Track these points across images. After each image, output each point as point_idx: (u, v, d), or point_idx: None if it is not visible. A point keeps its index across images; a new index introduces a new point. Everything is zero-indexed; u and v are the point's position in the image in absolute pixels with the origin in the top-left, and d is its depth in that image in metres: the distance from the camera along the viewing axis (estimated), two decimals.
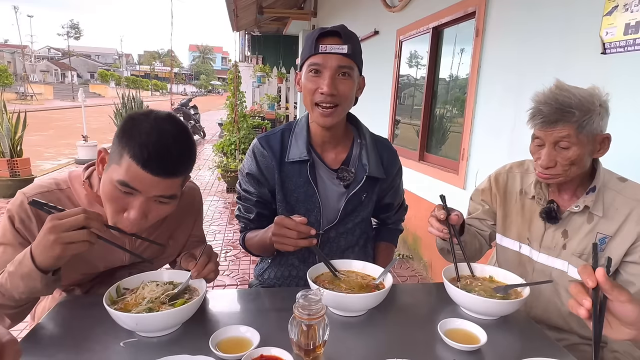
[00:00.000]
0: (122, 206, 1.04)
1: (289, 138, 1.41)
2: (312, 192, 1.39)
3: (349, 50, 1.24)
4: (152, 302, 1.03)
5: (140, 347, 0.97)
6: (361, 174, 1.40)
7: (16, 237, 1.09)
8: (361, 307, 1.13)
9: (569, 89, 1.19)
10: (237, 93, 7.30)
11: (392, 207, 1.62)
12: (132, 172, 0.99)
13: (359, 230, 1.50)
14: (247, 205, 1.46)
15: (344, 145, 1.45)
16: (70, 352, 0.94)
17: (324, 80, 1.24)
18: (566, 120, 1.16)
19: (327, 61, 1.24)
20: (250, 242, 1.46)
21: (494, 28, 2.83)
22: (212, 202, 6.04)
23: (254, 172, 1.42)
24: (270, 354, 0.91)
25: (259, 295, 1.30)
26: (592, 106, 1.16)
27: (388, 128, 4.75)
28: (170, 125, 1.03)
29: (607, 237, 1.25)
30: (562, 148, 1.20)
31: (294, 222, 1.15)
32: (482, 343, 0.99)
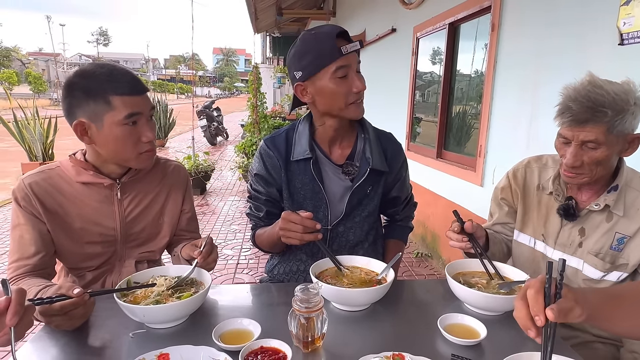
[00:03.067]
0: (136, 138, 1.24)
1: (293, 138, 1.45)
2: (318, 189, 1.42)
3: (360, 44, 1.30)
4: (160, 295, 1.08)
5: (148, 337, 1.01)
6: (365, 167, 1.41)
7: (25, 216, 1.23)
8: (362, 301, 1.14)
9: (602, 85, 1.11)
10: (258, 94, 7.39)
11: (400, 201, 1.61)
12: (128, 102, 1.20)
13: (367, 225, 1.51)
14: (257, 204, 1.51)
15: (349, 141, 1.48)
16: (82, 342, 1.00)
17: (353, 79, 1.29)
18: (597, 121, 1.10)
19: (350, 60, 1.28)
20: (259, 239, 1.51)
21: (509, 22, 2.78)
22: (232, 202, 6.14)
23: (262, 172, 1.47)
24: (270, 345, 0.94)
25: (262, 290, 1.34)
26: (626, 105, 1.09)
27: (406, 126, 4.72)
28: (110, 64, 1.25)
29: (626, 237, 1.22)
30: (590, 148, 1.14)
31: (300, 217, 1.19)
32: (482, 338, 0.99)
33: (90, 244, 1.33)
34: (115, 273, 1.38)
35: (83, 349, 0.98)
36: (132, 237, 1.39)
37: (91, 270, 1.36)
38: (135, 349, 0.96)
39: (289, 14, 9.80)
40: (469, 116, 3.64)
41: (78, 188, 1.29)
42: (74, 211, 1.28)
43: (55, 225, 1.26)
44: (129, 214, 1.36)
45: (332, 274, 1.24)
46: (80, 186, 1.29)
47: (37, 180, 1.25)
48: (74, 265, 1.35)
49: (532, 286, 0.77)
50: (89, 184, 1.30)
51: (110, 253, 1.37)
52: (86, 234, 1.31)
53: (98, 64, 1.24)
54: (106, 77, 1.18)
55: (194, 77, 12.47)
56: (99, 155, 1.29)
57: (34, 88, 31.41)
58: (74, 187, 1.29)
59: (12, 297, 0.78)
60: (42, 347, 0.97)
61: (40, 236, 1.23)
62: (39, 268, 1.22)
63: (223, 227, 4.97)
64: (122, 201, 1.35)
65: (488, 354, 0.97)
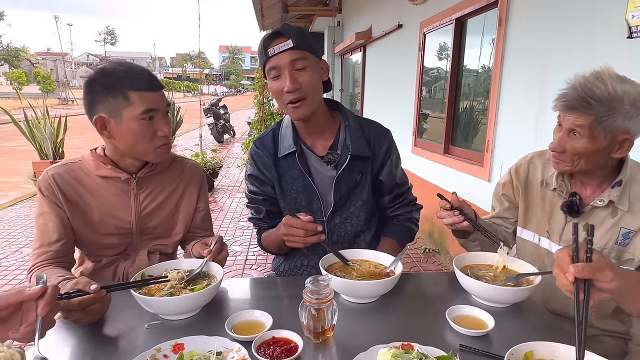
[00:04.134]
0: (152, 132, 1.29)
1: (279, 135, 1.50)
2: (308, 182, 1.46)
3: (294, 42, 1.30)
4: (174, 287, 1.11)
5: (162, 328, 1.04)
6: (345, 154, 1.44)
7: (49, 205, 1.31)
8: (371, 293, 1.16)
9: (606, 80, 1.11)
10: (264, 91, 7.41)
11: (387, 189, 1.55)
12: (145, 98, 1.25)
13: (364, 214, 1.52)
14: (256, 205, 1.55)
15: (331, 132, 1.50)
16: (99, 333, 1.03)
17: (285, 79, 1.31)
18: (584, 111, 1.11)
19: (280, 61, 1.31)
20: (266, 242, 1.54)
21: (516, 16, 2.77)
22: (240, 199, 6.18)
23: (255, 172, 1.52)
24: (281, 336, 0.96)
25: (272, 283, 1.37)
26: (619, 104, 1.08)
27: (413, 122, 4.72)
28: (128, 63, 1.31)
29: (632, 232, 1.22)
30: (574, 138, 1.17)
31: (300, 221, 1.22)
32: (490, 329, 1.00)
33: (107, 235, 1.38)
34: (129, 261, 1.44)
35: (100, 339, 1.01)
36: (147, 231, 1.44)
37: (107, 256, 1.42)
38: (150, 340, 0.99)
39: (294, 11, 9.80)
40: (476, 111, 3.64)
41: (97, 181, 1.35)
42: (93, 203, 1.35)
43: (75, 215, 1.33)
44: (145, 208, 1.41)
45: (340, 267, 1.26)
46: (99, 179, 1.35)
47: (60, 172, 1.32)
48: (92, 252, 1.41)
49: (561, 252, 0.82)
50: (107, 178, 1.36)
51: (126, 244, 1.42)
52: (104, 225, 1.37)
53: (117, 62, 1.29)
54: (125, 74, 1.24)
55: (200, 75, 12.49)
56: (117, 150, 1.34)
57: (43, 88, 31.73)
58: (93, 180, 1.35)
59: (48, 291, 0.81)
60: (61, 338, 1.01)
61: (62, 224, 1.30)
62: (61, 255, 1.29)
63: (231, 223, 5.01)
64: (138, 196, 1.40)
65: (496, 344, 0.98)
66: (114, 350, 0.96)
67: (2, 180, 7.44)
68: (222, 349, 0.91)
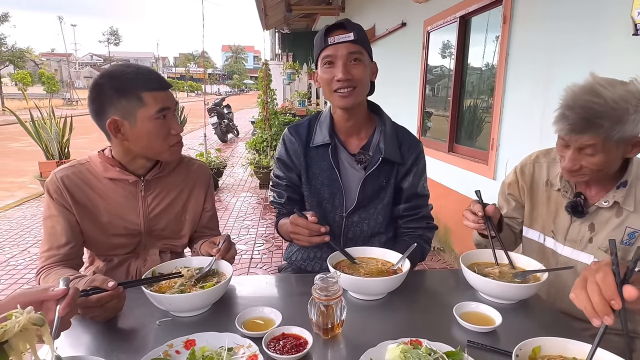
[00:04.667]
0: (166, 131, 1.31)
1: (315, 126, 1.52)
2: (335, 176, 1.47)
3: (355, 36, 1.34)
4: (184, 285, 1.13)
5: (173, 325, 1.06)
6: (377, 156, 1.45)
7: (57, 207, 1.31)
8: (379, 290, 1.17)
9: (601, 93, 1.07)
10: (268, 91, 7.43)
11: (403, 197, 1.53)
12: (158, 97, 1.27)
13: (382, 217, 1.53)
14: (279, 190, 1.58)
15: (366, 132, 1.52)
16: (112, 329, 1.05)
17: (338, 69, 1.34)
18: (593, 131, 1.08)
19: (338, 51, 1.35)
20: (281, 230, 1.55)
21: (521, 14, 2.77)
22: (245, 198, 6.20)
23: (283, 156, 1.55)
24: (291, 332, 0.98)
25: (281, 281, 1.38)
26: (625, 114, 1.05)
27: (417, 120, 4.72)
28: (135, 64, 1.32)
29: (637, 232, 1.21)
30: (588, 154, 1.14)
31: (305, 222, 1.24)
32: (497, 325, 1.01)
33: (116, 236, 1.39)
34: (140, 259, 1.44)
35: (114, 335, 1.02)
36: (155, 232, 1.44)
37: (118, 256, 1.43)
38: (162, 336, 1.00)
39: (298, 10, 9.81)
40: (480, 109, 3.63)
41: (106, 183, 1.35)
42: (101, 205, 1.35)
43: (84, 217, 1.33)
44: (152, 210, 1.41)
45: (348, 264, 1.27)
46: (107, 181, 1.35)
47: (68, 174, 1.32)
48: (102, 252, 1.42)
49: (600, 270, 0.74)
50: (115, 180, 1.36)
51: (135, 244, 1.43)
52: (112, 227, 1.37)
53: (124, 64, 1.30)
54: (134, 75, 1.25)
55: (204, 75, 12.52)
56: (127, 152, 1.34)
57: (48, 88, 31.88)
58: (101, 182, 1.35)
59: (70, 292, 0.83)
60: (75, 335, 1.02)
61: (70, 227, 1.30)
62: (69, 258, 1.29)
63: (236, 222, 5.03)
64: (146, 198, 1.40)
65: (503, 340, 0.99)
66: (127, 346, 0.98)
67: (8, 180, 7.50)
68: (233, 345, 0.93)
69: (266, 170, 6.54)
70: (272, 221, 5.07)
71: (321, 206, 1.52)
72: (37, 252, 4.05)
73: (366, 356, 0.87)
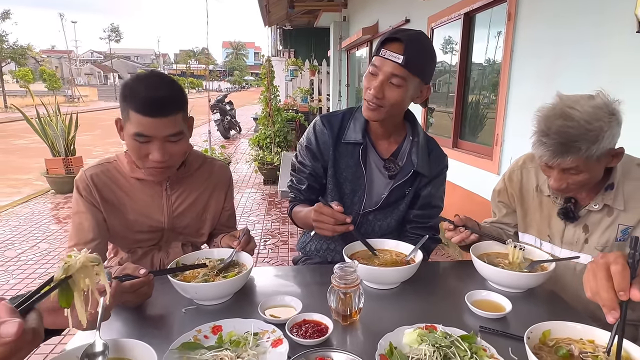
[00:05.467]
0: (145, 153, 1.26)
1: (349, 121, 1.52)
2: (361, 174, 1.50)
3: (404, 61, 1.27)
4: (207, 275, 1.18)
5: (198, 313, 1.11)
6: (408, 168, 1.47)
7: (86, 205, 1.35)
8: (393, 279, 1.23)
9: (572, 115, 1.09)
10: (271, 87, 7.46)
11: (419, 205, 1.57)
12: (138, 122, 1.20)
13: (395, 222, 1.57)
14: (300, 177, 1.58)
15: (396, 138, 1.53)
16: (141, 316, 1.10)
17: (375, 83, 1.32)
18: (573, 154, 1.11)
19: (383, 66, 1.31)
20: (296, 216, 1.59)
21: (526, 11, 2.80)
22: (249, 194, 6.26)
23: (312, 146, 1.54)
24: (312, 318, 1.03)
25: (298, 272, 1.43)
26: (600, 131, 1.08)
27: (421, 116, 4.76)
28: (155, 77, 1.25)
29: (630, 228, 1.25)
30: (572, 174, 1.17)
31: (331, 210, 1.27)
32: (507, 311, 1.06)
33: (140, 232, 1.44)
34: (163, 251, 1.50)
35: (143, 322, 1.08)
36: (177, 230, 1.49)
37: (141, 248, 1.49)
38: (188, 323, 1.05)
39: (300, 6, 9.83)
40: (484, 105, 3.67)
41: (132, 182, 1.40)
42: (128, 203, 1.40)
43: (111, 214, 1.38)
44: (176, 209, 1.46)
45: (363, 255, 1.32)
46: (134, 181, 1.40)
47: (97, 172, 1.37)
48: (126, 246, 1.48)
49: (616, 262, 0.77)
50: (142, 180, 1.40)
51: (158, 238, 1.49)
52: (138, 224, 1.42)
53: (144, 75, 1.26)
54: (130, 91, 1.20)
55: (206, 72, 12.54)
56: None
57: (49, 85, 31.89)
58: (129, 181, 1.40)
59: (113, 284, 0.90)
60: (106, 323, 1.07)
61: (97, 224, 1.35)
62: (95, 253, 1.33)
63: (242, 218, 5.09)
64: (171, 197, 1.45)
65: (513, 325, 1.04)
66: (157, 332, 1.03)
67: (14, 177, 7.56)
68: (258, 330, 0.98)
69: (270, 166, 6.59)
70: (277, 217, 5.12)
71: (341, 200, 1.52)
72: (46, 248, 4.12)
73: (385, 340, 0.92)
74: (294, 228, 4.54)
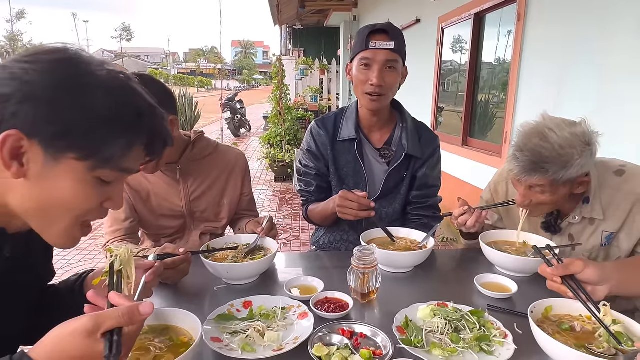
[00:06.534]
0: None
1: (341, 120, 1.65)
2: (359, 167, 1.61)
3: (396, 46, 1.44)
4: (236, 257, 1.29)
5: (229, 291, 1.22)
6: (400, 152, 1.59)
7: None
8: (407, 263, 1.32)
9: (549, 137, 1.14)
10: (282, 86, 7.56)
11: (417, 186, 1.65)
12: None
13: (399, 206, 1.67)
14: (307, 179, 1.70)
15: (388, 128, 1.65)
16: (177, 294, 1.21)
17: (374, 73, 1.45)
18: (541, 174, 1.16)
19: (376, 56, 1.45)
20: (312, 214, 1.69)
21: (535, 11, 2.87)
22: (261, 190, 6.37)
23: (312, 148, 1.67)
24: (334, 296, 1.13)
25: (319, 257, 1.54)
26: (571, 158, 1.13)
27: (430, 115, 4.83)
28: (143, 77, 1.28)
29: (613, 234, 1.29)
30: (537, 192, 1.23)
31: (356, 196, 1.38)
32: (514, 292, 1.15)
33: (163, 217, 1.57)
34: (184, 240, 1.62)
35: (179, 298, 1.19)
36: (196, 215, 1.61)
37: (165, 237, 1.61)
38: (220, 299, 1.16)
39: (311, 5, 9.92)
40: (493, 104, 3.74)
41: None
42: (150, 189, 1.54)
43: (136, 199, 1.53)
44: (192, 193, 1.59)
45: (378, 242, 1.42)
46: None
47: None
48: (152, 232, 1.61)
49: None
50: None
51: (179, 225, 1.61)
52: (160, 208, 1.56)
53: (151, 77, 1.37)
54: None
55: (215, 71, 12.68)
56: None
57: None
58: None
59: (156, 264, 0.99)
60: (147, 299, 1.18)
61: (127, 205, 1.50)
62: (130, 232, 1.50)
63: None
64: (186, 183, 1.57)
65: (519, 305, 1.13)
66: (193, 307, 1.12)
67: None
68: (285, 305, 1.08)
69: (281, 163, 6.70)
70: (288, 213, 5.23)
71: None
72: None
73: (401, 314, 1.02)
74: (305, 224, 4.64)
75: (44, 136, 0.63)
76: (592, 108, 2.31)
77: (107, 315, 0.62)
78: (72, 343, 0.58)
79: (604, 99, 2.26)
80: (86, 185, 0.68)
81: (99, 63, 0.68)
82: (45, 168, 0.65)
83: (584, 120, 1.19)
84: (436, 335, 0.95)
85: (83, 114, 0.64)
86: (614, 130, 2.16)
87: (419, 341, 0.93)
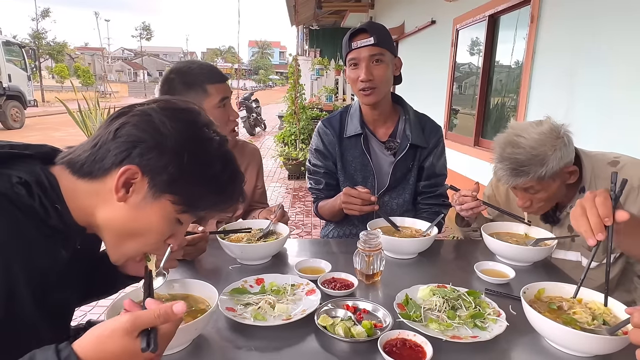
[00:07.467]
0: (226, 118, 1.52)
1: (346, 118, 1.73)
2: (367, 161, 1.68)
3: (375, 40, 1.51)
4: (250, 240, 1.38)
5: (242, 270, 1.31)
6: (405, 143, 1.66)
7: None
8: (411, 250, 1.39)
9: (519, 143, 1.23)
10: (297, 86, 7.68)
11: (425, 176, 1.72)
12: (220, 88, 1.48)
13: (409, 196, 1.74)
14: (317, 177, 1.78)
15: (392, 122, 1.73)
16: (194, 271, 1.31)
17: (361, 70, 1.54)
18: (524, 177, 1.24)
19: (360, 54, 1.54)
20: (322, 210, 1.78)
21: (548, 13, 2.90)
22: (275, 187, 6.49)
23: (320, 147, 1.75)
24: (340, 277, 1.21)
25: (326, 243, 1.62)
26: (545, 157, 1.20)
27: (444, 116, 4.87)
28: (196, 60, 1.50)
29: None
30: (532, 193, 1.30)
31: (358, 192, 1.46)
32: (511, 278, 1.22)
33: None
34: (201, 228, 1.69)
35: (197, 275, 1.28)
36: None
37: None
38: (235, 276, 1.25)
39: (328, 6, 10.02)
40: (506, 105, 3.77)
41: None
42: None
43: None
44: None
45: (384, 231, 1.49)
46: None
47: None
48: None
49: (600, 194, 0.88)
50: None
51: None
52: None
53: (188, 61, 1.53)
54: (200, 70, 1.47)
55: (232, 70, 12.86)
56: None
57: (83, 81, 33.18)
58: None
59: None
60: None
61: None
62: None
63: None
64: None
65: (516, 289, 1.19)
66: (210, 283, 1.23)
67: None
68: (295, 282, 1.16)
69: (295, 161, 6.80)
70: (301, 209, 5.33)
71: None
72: None
73: (402, 293, 1.09)
74: (317, 220, 4.73)
75: (156, 179, 0.76)
76: (604, 112, 2.34)
77: (144, 316, 0.66)
78: (112, 342, 0.63)
79: (615, 103, 2.29)
80: (168, 222, 0.81)
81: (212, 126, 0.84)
82: (144, 201, 0.77)
83: (548, 117, 1.27)
84: (434, 312, 1.03)
85: (194, 173, 0.78)
86: (626, 135, 2.19)
87: (417, 316, 1.00)
